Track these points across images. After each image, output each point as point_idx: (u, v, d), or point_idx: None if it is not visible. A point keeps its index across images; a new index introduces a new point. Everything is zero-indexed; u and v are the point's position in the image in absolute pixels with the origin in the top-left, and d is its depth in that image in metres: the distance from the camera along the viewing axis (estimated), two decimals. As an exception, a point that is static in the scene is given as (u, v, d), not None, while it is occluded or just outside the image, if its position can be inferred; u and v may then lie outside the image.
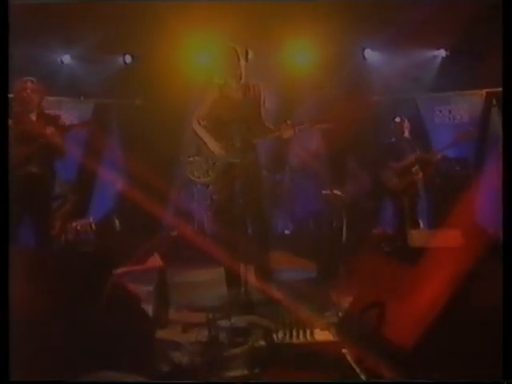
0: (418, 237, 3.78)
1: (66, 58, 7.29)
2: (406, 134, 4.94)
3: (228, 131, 3.23)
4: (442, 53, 7.15)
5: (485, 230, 5.16)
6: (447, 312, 1.90)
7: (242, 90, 3.30)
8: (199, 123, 3.30)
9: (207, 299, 3.34)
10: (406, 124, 4.99)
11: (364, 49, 7.20)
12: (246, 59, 3.25)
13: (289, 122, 3.22)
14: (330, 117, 3.24)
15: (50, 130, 3.51)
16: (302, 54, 7.24)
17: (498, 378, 1.78)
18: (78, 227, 5.29)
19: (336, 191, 6.14)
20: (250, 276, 3.22)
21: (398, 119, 5.05)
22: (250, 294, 3.02)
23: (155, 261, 4.75)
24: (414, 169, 4.63)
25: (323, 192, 6.63)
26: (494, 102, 6.79)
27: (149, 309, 2.59)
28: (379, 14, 6.55)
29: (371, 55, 7.25)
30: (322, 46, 6.97)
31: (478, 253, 2.22)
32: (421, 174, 4.60)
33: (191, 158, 3.34)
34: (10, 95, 3.40)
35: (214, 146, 3.24)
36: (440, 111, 7.17)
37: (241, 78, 3.31)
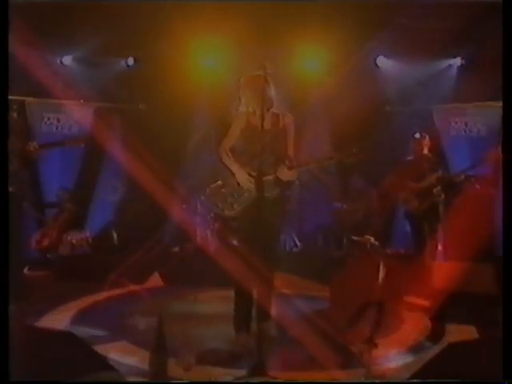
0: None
1: (67, 60, 7.01)
2: (426, 151, 4.63)
3: (256, 163, 2.95)
4: (458, 61, 6.86)
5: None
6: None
7: (270, 119, 3.06)
8: (227, 155, 3.13)
9: (211, 341, 2.99)
10: (427, 141, 4.68)
11: (377, 56, 6.92)
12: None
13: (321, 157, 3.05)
14: (356, 151, 2.93)
15: (32, 147, 3.23)
16: (312, 61, 6.95)
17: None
18: (74, 241, 5.00)
19: (345, 206, 5.87)
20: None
21: (417, 135, 4.74)
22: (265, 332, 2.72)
23: (155, 280, 4.52)
24: (435, 190, 4.32)
25: (335, 204, 6.38)
26: (512, 114, 6.49)
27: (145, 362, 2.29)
28: (392, 20, 6.29)
29: (384, 63, 6.97)
30: (333, 53, 6.69)
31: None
32: (443, 196, 4.27)
33: (216, 189, 3.15)
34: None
35: (242, 178, 3.05)
36: (456, 123, 6.88)
37: (270, 107, 3.09)
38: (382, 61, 6.95)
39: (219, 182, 3.13)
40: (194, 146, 7.15)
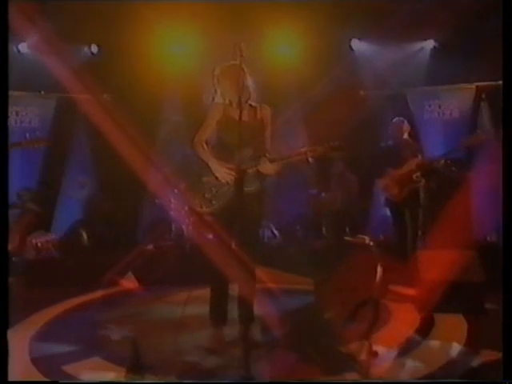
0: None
1: (23, 47, 6.51)
2: (406, 136, 4.50)
3: (233, 156, 2.82)
4: (431, 44, 6.79)
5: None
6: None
7: (247, 111, 2.90)
8: (203, 147, 2.94)
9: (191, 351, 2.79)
10: (406, 125, 4.54)
11: (351, 39, 6.78)
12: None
13: (303, 149, 2.85)
14: (344, 144, 2.78)
15: None
16: (284, 45, 6.74)
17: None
18: (39, 244, 4.67)
19: (323, 194, 5.74)
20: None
21: (396, 120, 4.61)
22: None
23: (129, 282, 4.28)
24: (415, 176, 4.21)
25: (311, 191, 6.24)
26: (484, 96, 6.50)
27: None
28: (366, 2, 6.16)
29: (358, 46, 6.83)
30: (307, 37, 6.49)
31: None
32: (423, 182, 4.16)
33: (192, 184, 2.97)
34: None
35: (219, 171, 2.87)
36: (430, 106, 6.83)
37: (248, 98, 2.92)
38: (356, 44, 6.80)
39: (195, 177, 2.95)
40: (164, 138, 6.86)
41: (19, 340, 2.82)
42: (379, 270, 2.89)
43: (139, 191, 6.05)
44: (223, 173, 2.84)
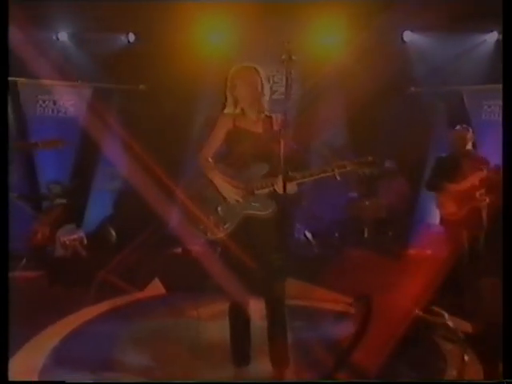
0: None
1: (63, 36, 6.40)
2: (469, 146, 3.87)
3: (245, 173, 2.48)
4: (494, 36, 6.12)
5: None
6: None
7: (262, 122, 2.54)
8: (209, 162, 2.55)
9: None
10: (470, 135, 3.91)
11: (403, 31, 6.25)
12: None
13: (330, 165, 2.36)
14: (372, 159, 2.34)
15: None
16: (330, 36, 6.26)
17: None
18: (67, 242, 4.53)
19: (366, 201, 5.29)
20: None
21: (458, 128, 3.97)
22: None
23: (156, 287, 4.06)
24: (478, 193, 3.65)
25: (350, 195, 5.79)
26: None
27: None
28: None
29: (411, 38, 6.28)
30: (354, 28, 6.01)
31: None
32: (487, 200, 3.60)
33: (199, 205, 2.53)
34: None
35: (228, 191, 2.47)
36: (489, 106, 6.20)
37: (263, 108, 2.55)
38: (408, 35, 6.24)
39: (197, 196, 2.53)
40: (200, 131, 6.60)
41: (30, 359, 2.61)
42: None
43: (172, 188, 5.81)
44: (232, 193, 2.44)
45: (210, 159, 2.55)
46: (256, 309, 2.59)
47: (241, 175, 2.50)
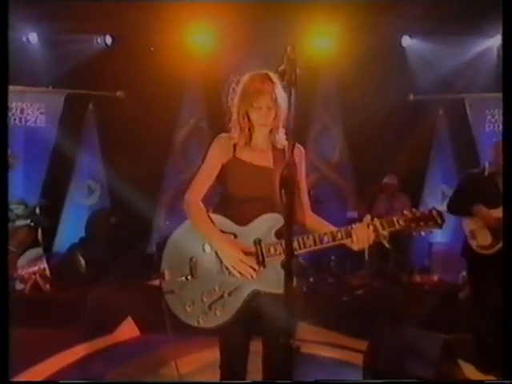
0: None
1: (33, 37, 5.84)
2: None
3: (251, 230, 1.74)
4: (498, 41, 5.76)
5: None
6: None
7: (274, 152, 1.82)
8: (199, 207, 1.81)
9: None
10: None
11: (402, 35, 5.89)
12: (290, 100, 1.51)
13: (377, 221, 1.69)
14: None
15: None
16: (324, 40, 5.83)
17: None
18: (25, 276, 3.96)
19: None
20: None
21: (498, 139, 3.26)
22: None
23: (128, 328, 3.49)
24: None
25: (348, 215, 5.38)
26: None
27: None
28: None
29: (410, 43, 5.94)
30: (350, 32, 5.59)
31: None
32: None
33: (181, 278, 1.75)
34: None
35: (229, 253, 1.72)
36: (492, 116, 5.83)
37: (276, 132, 1.82)
38: (407, 41, 5.86)
39: (185, 263, 1.74)
40: (182, 141, 6.12)
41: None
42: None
43: (151, 208, 5.33)
44: (235, 260, 1.69)
45: (201, 204, 1.82)
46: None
47: (242, 233, 1.74)
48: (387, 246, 1.75)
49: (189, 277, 1.75)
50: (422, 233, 1.76)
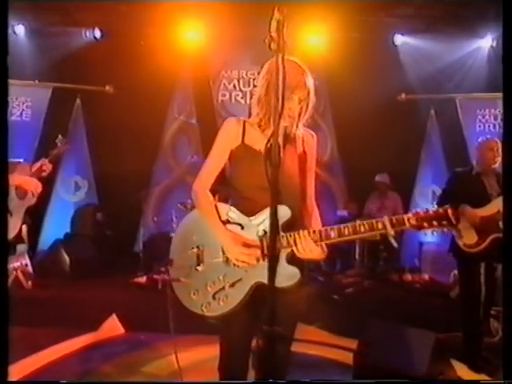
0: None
1: (19, 29, 5.71)
2: (497, 165, 2.99)
3: (256, 221, 1.67)
4: (489, 42, 5.77)
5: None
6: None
7: (283, 141, 1.68)
8: (206, 196, 1.74)
9: None
10: (499, 149, 2.99)
11: (394, 34, 5.84)
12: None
13: (386, 219, 1.56)
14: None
15: None
16: (316, 38, 5.78)
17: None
18: (15, 272, 3.82)
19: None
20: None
21: (489, 138, 3.14)
22: None
23: (113, 326, 3.41)
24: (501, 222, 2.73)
25: (338, 214, 5.34)
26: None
27: None
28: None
29: (402, 42, 5.90)
30: (341, 30, 5.55)
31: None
32: None
33: (188, 268, 1.71)
34: None
35: (231, 247, 1.66)
36: (483, 116, 5.83)
37: (297, 126, 1.72)
38: (399, 39, 5.83)
39: (190, 253, 1.70)
40: (171, 138, 6.03)
41: None
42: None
43: (139, 204, 5.22)
44: (237, 252, 1.64)
45: (209, 193, 1.73)
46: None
47: (249, 224, 1.67)
48: (395, 245, 1.69)
49: (197, 266, 1.72)
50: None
